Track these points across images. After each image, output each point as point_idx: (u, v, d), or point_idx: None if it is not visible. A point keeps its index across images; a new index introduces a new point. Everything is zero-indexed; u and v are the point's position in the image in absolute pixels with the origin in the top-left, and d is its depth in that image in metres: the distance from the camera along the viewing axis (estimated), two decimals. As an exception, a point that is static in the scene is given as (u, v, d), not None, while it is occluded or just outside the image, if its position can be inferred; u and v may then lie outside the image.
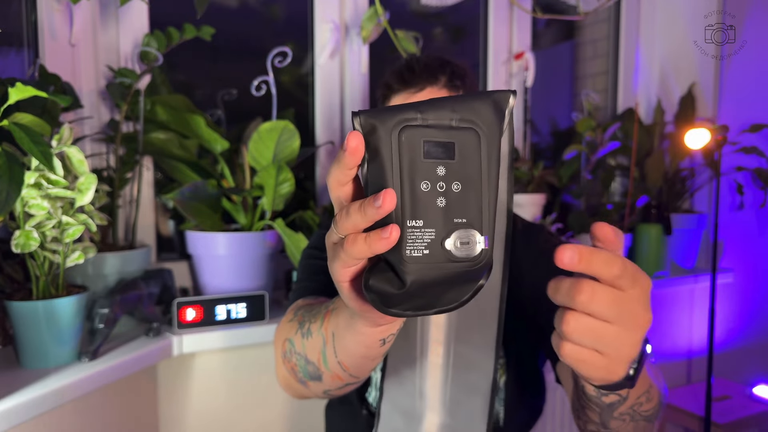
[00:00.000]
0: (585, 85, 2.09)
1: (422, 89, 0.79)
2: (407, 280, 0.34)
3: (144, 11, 1.28)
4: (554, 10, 1.79)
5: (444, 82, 0.79)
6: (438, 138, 0.34)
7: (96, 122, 1.23)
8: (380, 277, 0.36)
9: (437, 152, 0.33)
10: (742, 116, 1.93)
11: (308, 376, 0.59)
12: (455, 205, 0.34)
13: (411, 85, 0.79)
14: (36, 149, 0.78)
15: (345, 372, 0.55)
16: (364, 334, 0.47)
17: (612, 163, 1.94)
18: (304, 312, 0.62)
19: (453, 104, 0.34)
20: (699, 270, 1.94)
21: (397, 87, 0.80)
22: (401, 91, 0.80)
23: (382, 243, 0.34)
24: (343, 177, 0.37)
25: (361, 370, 0.54)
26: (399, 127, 0.34)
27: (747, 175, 1.92)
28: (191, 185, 1.15)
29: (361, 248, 0.35)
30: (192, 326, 1.12)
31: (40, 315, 0.89)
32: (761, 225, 2.06)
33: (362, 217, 0.35)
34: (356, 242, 0.35)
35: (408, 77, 0.79)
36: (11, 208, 0.77)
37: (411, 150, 0.33)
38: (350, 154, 0.35)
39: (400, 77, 0.80)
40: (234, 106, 1.43)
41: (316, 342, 0.56)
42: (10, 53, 1.17)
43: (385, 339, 0.49)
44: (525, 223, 0.93)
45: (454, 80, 0.80)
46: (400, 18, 1.63)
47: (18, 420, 0.80)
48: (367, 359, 0.51)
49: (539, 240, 0.88)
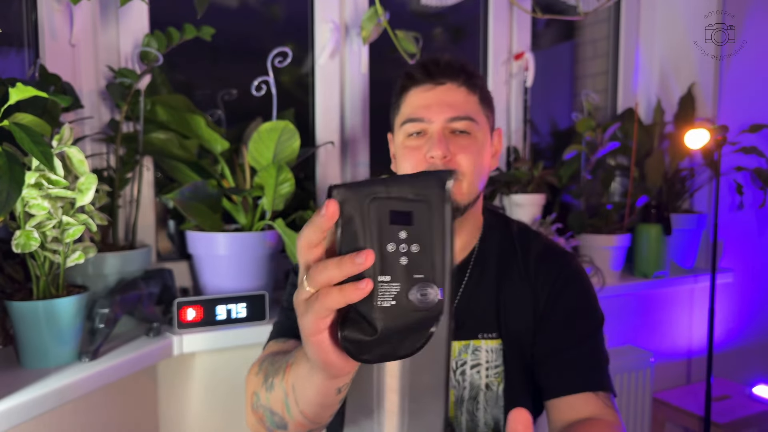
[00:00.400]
0: (585, 85, 2.09)
1: (443, 84, 0.82)
2: (379, 327, 0.40)
3: (144, 11, 1.28)
4: (554, 10, 1.79)
5: (463, 80, 0.82)
6: (400, 208, 0.40)
7: (96, 122, 1.23)
8: (353, 328, 0.41)
9: (400, 219, 0.40)
10: (741, 116, 1.94)
11: (275, 425, 0.65)
12: (415, 262, 0.41)
13: (434, 78, 0.82)
14: (36, 149, 0.78)
15: (306, 419, 0.60)
16: (322, 386, 0.53)
17: (612, 163, 1.94)
18: (268, 365, 0.68)
19: (410, 181, 0.42)
20: (699, 270, 1.94)
21: (420, 78, 0.82)
22: (423, 83, 0.82)
23: (357, 293, 0.39)
24: (315, 239, 0.42)
25: (320, 417, 0.60)
26: (370, 198, 0.40)
27: (746, 175, 1.92)
28: (191, 185, 1.15)
29: (336, 298, 0.40)
30: (192, 326, 1.12)
31: (41, 315, 0.89)
32: (761, 225, 2.06)
33: (339, 271, 0.40)
34: (330, 293, 0.40)
35: (433, 70, 0.82)
36: (12, 208, 0.77)
37: (379, 217, 0.40)
38: (328, 218, 0.40)
39: (424, 69, 0.82)
40: (234, 106, 1.43)
41: (279, 395, 0.61)
42: (10, 53, 1.17)
43: (340, 388, 0.54)
44: (521, 226, 0.93)
45: (473, 80, 0.83)
46: (400, 18, 1.63)
47: (18, 420, 0.80)
48: (325, 407, 0.57)
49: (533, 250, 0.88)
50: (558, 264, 0.87)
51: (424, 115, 0.81)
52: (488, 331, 0.83)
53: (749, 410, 1.74)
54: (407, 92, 0.84)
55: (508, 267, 0.87)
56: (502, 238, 0.89)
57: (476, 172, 0.81)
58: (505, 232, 0.90)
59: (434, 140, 0.79)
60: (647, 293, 1.84)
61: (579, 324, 0.83)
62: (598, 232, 1.70)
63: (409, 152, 0.82)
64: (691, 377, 1.99)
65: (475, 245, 0.88)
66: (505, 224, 0.92)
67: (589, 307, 0.86)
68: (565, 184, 1.76)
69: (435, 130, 0.80)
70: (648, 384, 1.72)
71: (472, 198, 0.82)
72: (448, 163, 0.79)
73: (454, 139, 0.81)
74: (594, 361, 0.82)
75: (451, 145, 0.79)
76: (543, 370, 0.83)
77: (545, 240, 0.91)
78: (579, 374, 0.80)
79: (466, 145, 0.81)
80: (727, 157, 1.83)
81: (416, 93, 0.83)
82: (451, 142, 0.80)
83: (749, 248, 2.05)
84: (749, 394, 1.83)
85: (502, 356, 0.83)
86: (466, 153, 0.80)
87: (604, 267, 1.67)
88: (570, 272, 0.86)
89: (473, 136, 0.81)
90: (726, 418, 1.67)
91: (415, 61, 1.36)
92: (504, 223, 0.92)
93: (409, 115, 0.82)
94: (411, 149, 0.82)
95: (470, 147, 0.81)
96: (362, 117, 1.57)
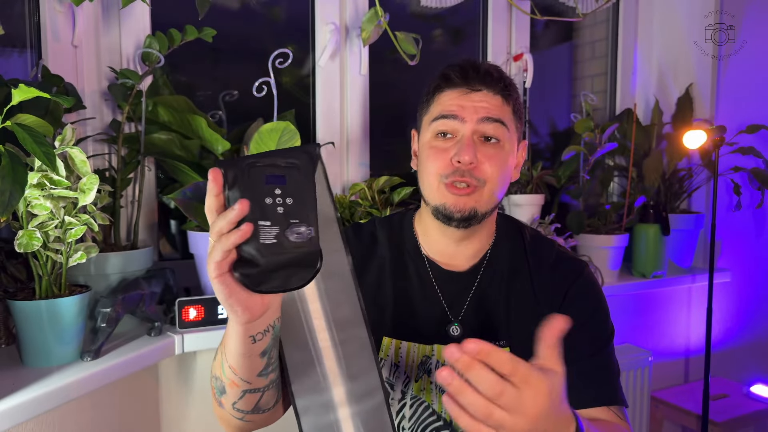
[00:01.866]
0: (583, 86, 2.10)
1: (479, 90, 0.80)
2: (262, 261, 0.52)
3: (146, 13, 1.29)
4: (553, 11, 1.80)
5: (500, 89, 0.81)
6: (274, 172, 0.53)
7: (98, 123, 1.24)
8: (245, 264, 0.52)
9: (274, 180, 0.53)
10: (739, 117, 1.94)
11: (219, 392, 0.69)
12: (290, 210, 0.53)
13: (471, 83, 0.80)
14: (39, 150, 0.78)
15: (236, 376, 0.65)
16: (237, 333, 0.60)
17: (610, 163, 1.95)
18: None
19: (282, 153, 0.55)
20: (696, 269, 1.95)
21: (457, 81, 0.81)
22: (459, 86, 0.81)
23: (239, 233, 0.50)
24: (210, 203, 0.54)
25: (246, 372, 0.64)
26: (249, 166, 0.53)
27: (744, 176, 1.93)
28: (193, 185, 1.16)
29: (225, 241, 0.51)
30: (194, 325, 1.12)
31: (43, 314, 0.90)
32: (758, 225, 2.07)
33: (225, 220, 0.51)
34: (221, 239, 0.51)
35: (471, 75, 0.80)
36: (14, 208, 0.78)
37: (256, 180, 0.53)
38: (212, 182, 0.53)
39: (463, 73, 0.81)
40: (235, 106, 1.43)
41: (218, 358, 0.68)
42: (13, 54, 1.18)
43: (255, 337, 0.60)
44: (533, 233, 0.92)
45: (509, 90, 0.82)
46: (400, 20, 1.64)
47: (21, 418, 0.81)
48: (245, 357, 0.62)
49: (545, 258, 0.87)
50: (570, 275, 0.86)
51: (458, 112, 0.79)
52: (497, 339, 0.83)
53: (747, 409, 1.74)
54: (441, 92, 0.82)
55: (519, 274, 0.86)
56: (514, 245, 0.88)
57: (499, 182, 0.80)
58: (518, 238, 0.89)
59: (464, 144, 0.78)
60: (645, 293, 1.85)
61: (590, 337, 0.82)
62: (596, 232, 1.71)
63: (435, 153, 0.80)
64: (689, 376, 1.99)
65: (488, 250, 0.87)
66: (518, 230, 0.91)
67: (600, 320, 0.85)
68: (563, 184, 1.77)
69: (466, 133, 0.79)
70: (646, 383, 1.73)
71: (491, 206, 0.81)
72: (473, 170, 0.78)
73: (483, 146, 0.79)
74: (605, 375, 0.82)
75: (479, 153, 0.78)
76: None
77: (558, 248, 0.89)
78: (591, 388, 0.80)
79: (493, 154, 0.79)
80: (724, 157, 1.84)
81: (450, 94, 0.81)
82: (479, 150, 0.78)
83: (746, 248, 2.06)
84: (747, 392, 1.84)
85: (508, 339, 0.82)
86: (492, 162, 0.79)
87: (603, 267, 1.68)
88: (582, 283, 0.86)
89: (501, 145, 0.80)
90: (723, 417, 1.68)
91: (415, 62, 1.37)
92: (517, 229, 0.91)
93: (442, 111, 0.81)
94: (438, 150, 0.80)
95: (497, 156, 0.79)
96: (362, 118, 1.58)
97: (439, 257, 0.87)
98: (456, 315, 0.84)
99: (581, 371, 0.80)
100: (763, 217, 2.08)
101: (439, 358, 0.83)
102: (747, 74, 1.97)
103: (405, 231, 0.90)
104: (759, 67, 1.98)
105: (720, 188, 1.94)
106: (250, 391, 0.67)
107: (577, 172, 1.72)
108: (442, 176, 0.79)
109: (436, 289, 0.85)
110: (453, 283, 0.85)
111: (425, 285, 0.86)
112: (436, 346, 0.83)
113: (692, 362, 1.99)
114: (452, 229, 0.82)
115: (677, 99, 1.96)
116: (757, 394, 1.81)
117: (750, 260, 2.06)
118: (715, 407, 1.71)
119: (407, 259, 0.87)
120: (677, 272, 1.90)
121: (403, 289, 0.85)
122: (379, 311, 0.84)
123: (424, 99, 0.86)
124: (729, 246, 2.03)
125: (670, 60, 2.02)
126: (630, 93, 2.05)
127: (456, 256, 0.86)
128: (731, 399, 1.81)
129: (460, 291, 0.85)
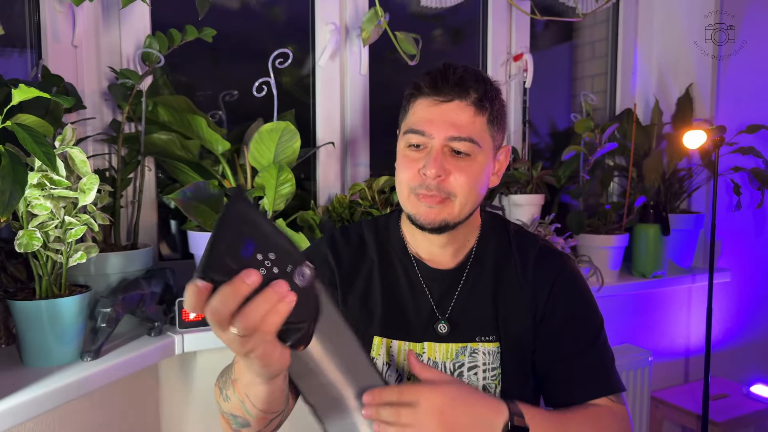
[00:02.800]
0: (583, 86, 2.10)
1: (450, 101, 0.78)
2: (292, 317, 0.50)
3: (146, 13, 1.29)
4: (553, 11, 1.80)
5: (473, 99, 0.78)
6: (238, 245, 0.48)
7: (98, 123, 1.24)
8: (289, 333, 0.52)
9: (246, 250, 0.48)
10: (739, 117, 1.94)
11: (239, 425, 0.72)
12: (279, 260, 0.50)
13: (441, 93, 0.78)
14: (39, 150, 0.79)
15: (266, 413, 0.68)
16: (270, 385, 0.61)
17: (610, 163, 1.95)
18: (221, 379, 0.76)
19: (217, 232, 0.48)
20: (696, 269, 1.95)
21: (428, 91, 0.79)
22: (430, 96, 0.79)
23: (286, 305, 0.49)
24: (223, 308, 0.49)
25: (275, 406, 0.68)
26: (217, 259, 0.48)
27: (744, 176, 1.93)
28: (193, 185, 1.16)
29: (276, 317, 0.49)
30: (194, 325, 1.12)
31: (43, 314, 0.90)
32: (758, 225, 2.07)
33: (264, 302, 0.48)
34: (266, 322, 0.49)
35: (441, 85, 0.78)
36: (15, 208, 0.78)
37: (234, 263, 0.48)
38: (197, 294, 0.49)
39: (433, 83, 0.79)
40: (235, 107, 1.43)
41: (236, 403, 0.69)
42: (13, 55, 1.18)
43: (282, 376, 0.63)
44: (517, 228, 0.92)
45: (483, 101, 0.79)
46: (400, 20, 1.64)
47: (21, 418, 0.81)
48: (276, 397, 0.65)
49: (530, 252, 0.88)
50: (555, 267, 0.87)
51: (426, 129, 0.78)
52: (486, 334, 0.84)
53: (746, 409, 1.74)
54: (415, 101, 0.82)
55: (506, 269, 0.87)
56: (498, 241, 0.89)
57: (469, 194, 0.79)
58: (502, 234, 0.90)
59: (430, 159, 0.77)
60: (645, 293, 1.85)
61: (581, 329, 0.84)
62: (596, 232, 1.71)
63: (405, 163, 0.81)
64: (689, 376, 1.99)
65: (473, 246, 0.88)
66: (502, 226, 0.92)
67: (589, 311, 0.86)
68: (563, 184, 1.77)
69: (435, 146, 0.78)
70: (646, 383, 1.73)
71: (464, 216, 0.81)
72: (441, 182, 0.77)
73: (452, 159, 0.78)
74: (601, 366, 0.83)
75: (446, 164, 0.77)
76: (550, 378, 0.83)
77: (542, 242, 0.90)
78: (589, 382, 0.81)
79: (463, 166, 0.78)
80: (724, 157, 1.84)
81: (422, 104, 0.80)
82: (447, 161, 0.78)
83: (746, 248, 2.06)
84: (747, 392, 1.84)
85: (500, 359, 0.83)
86: (462, 174, 0.78)
87: (603, 267, 1.68)
88: (567, 275, 0.86)
89: (473, 158, 0.79)
90: (723, 417, 1.68)
91: (415, 62, 1.37)
92: (501, 224, 0.92)
93: (412, 125, 0.80)
94: (408, 160, 0.80)
95: (467, 169, 0.78)
96: (362, 118, 1.58)
97: (426, 256, 0.87)
98: (443, 312, 0.85)
99: (578, 366, 0.82)
100: (763, 217, 2.08)
101: (430, 355, 0.83)
102: (747, 74, 1.97)
103: (391, 232, 0.91)
104: (759, 67, 1.98)
105: (720, 188, 1.94)
106: (276, 416, 0.72)
107: (577, 172, 1.72)
108: (411, 187, 0.80)
109: (424, 288, 0.86)
110: (440, 281, 0.86)
111: (413, 284, 0.86)
112: (426, 344, 0.84)
113: (692, 362, 1.99)
114: (430, 235, 0.83)
115: (677, 99, 1.96)
116: (757, 394, 1.81)
117: (750, 260, 2.06)
118: (715, 407, 1.71)
119: (395, 259, 0.88)
120: (677, 272, 1.90)
121: (391, 288, 0.86)
122: (368, 312, 0.85)
123: (403, 104, 0.85)
124: (729, 246, 2.03)
125: (670, 60, 2.02)
126: (630, 93, 2.05)
127: (441, 254, 0.87)
128: (731, 399, 1.81)
129: (447, 288, 0.86)
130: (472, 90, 0.78)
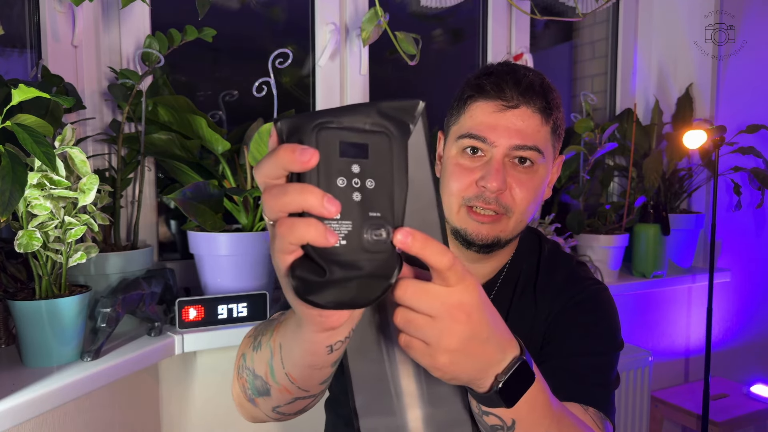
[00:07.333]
0: (583, 86, 2.10)
1: (517, 107, 0.72)
2: (326, 267, 0.36)
3: (146, 13, 1.29)
4: (553, 11, 1.80)
5: (541, 106, 0.73)
6: (352, 139, 0.36)
7: (98, 123, 1.24)
8: (306, 266, 0.37)
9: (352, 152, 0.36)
10: (739, 117, 1.94)
11: (256, 392, 0.59)
12: (370, 200, 0.36)
13: (507, 98, 0.72)
14: (39, 150, 0.78)
15: (293, 384, 0.54)
16: (311, 341, 0.46)
17: (610, 163, 1.95)
18: (262, 326, 0.61)
19: (366, 110, 0.37)
20: (696, 269, 1.95)
21: (492, 94, 0.72)
22: (494, 100, 0.72)
23: (318, 234, 0.35)
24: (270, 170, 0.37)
25: (309, 382, 0.53)
26: (317, 129, 0.36)
27: (744, 176, 1.93)
28: (193, 186, 1.16)
29: (291, 235, 0.35)
30: (194, 325, 1.12)
31: (43, 314, 0.90)
32: (758, 225, 2.07)
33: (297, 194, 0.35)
34: (294, 227, 0.35)
35: (509, 90, 0.72)
36: (14, 208, 0.78)
37: (328, 149, 0.36)
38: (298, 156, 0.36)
39: (498, 86, 0.72)
40: (235, 107, 1.43)
41: (264, 354, 0.56)
42: (13, 55, 1.18)
43: (333, 346, 0.46)
44: (552, 248, 0.86)
45: (549, 109, 0.74)
46: (400, 20, 1.64)
47: (21, 418, 0.81)
48: (315, 369, 0.50)
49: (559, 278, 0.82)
50: (579, 287, 0.81)
51: (489, 135, 0.72)
52: None
53: (746, 409, 1.74)
54: (473, 102, 0.74)
55: (526, 286, 0.82)
56: (530, 263, 0.84)
57: (527, 210, 0.74)
58: (534, 254, 0.85)
59: (492, 169, 0.71)
60: (645, 293, 1.85)
61: (590, 339, 0.78)
62: (596, 232, 1.71)
63: (459, 171, 0.74)
64: (689, 376, 1.99)
65: (505, 265, 0.83)
66: (537, 244, 0.87)
67: (605, 329, 0.80)
68: (563, 184, 1.77)
69: (496, 156, 0.72)
70: (646, 382, 1.73)
71: (517, 233, 0.76)
72: (500, 196, 0.72)
73: (514, 171, 0.73)
74: (595, 377, 0.74)
75: (509, 177, 0.72)
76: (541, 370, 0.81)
77: (574, 266, 0.84)
78: (571, 382, 0.72)
79: (525, 180, 0.73)
80: (724, 157, 1.84)
81: (484, 108, 0.73)
82: (509, 174, 0.72)
83: (746, 248, 2.06)
84: (747, 392, 1.84)
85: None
86: (523, 188, 0.72)
87: (603, 267, 1.68)
88: (590, 294, 0.80)
89: (534, 169, 0.73)
90: (723, 417, 1.68)
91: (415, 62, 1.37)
92: (536, 242, 0.87)
93: (471, 129, 0.73)
94: (463, 169, 0.74)
95: (528, 183, 0.73)
96: (362, 117, 1.57)
97: None
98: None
99: (568, 366, 0.75)
100: (763, 217, 2.07)
101: None
102: (747, 74, 1.97)
103: None
104: (759, 67, 1.98)
105: (720, 188, 1.94)
106: (303, 398, 0.57)
107: (577, 172, 1.72)
108: (464, 198, 0.73)
109: None
110: None
111: None
112: None
113: (692, 362, 1.99)
114: (471, 252, 0.77)
115: (677, 99, 1.96)
116: (757, 394, 1.81)
117: (750, 260, 2.06)
118: (715, 407, 1.71)
119: None
120: (677, 272, 1.90)
121: None
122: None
123: (453, 104, 0.78)
124: (729, 246, 2.03)
125: (670, 60, 2.02)
126: (630, 93, 2.05)
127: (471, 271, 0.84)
128: (731, 399, 1.81)
129: None
130: (539, 97, 0.73)
